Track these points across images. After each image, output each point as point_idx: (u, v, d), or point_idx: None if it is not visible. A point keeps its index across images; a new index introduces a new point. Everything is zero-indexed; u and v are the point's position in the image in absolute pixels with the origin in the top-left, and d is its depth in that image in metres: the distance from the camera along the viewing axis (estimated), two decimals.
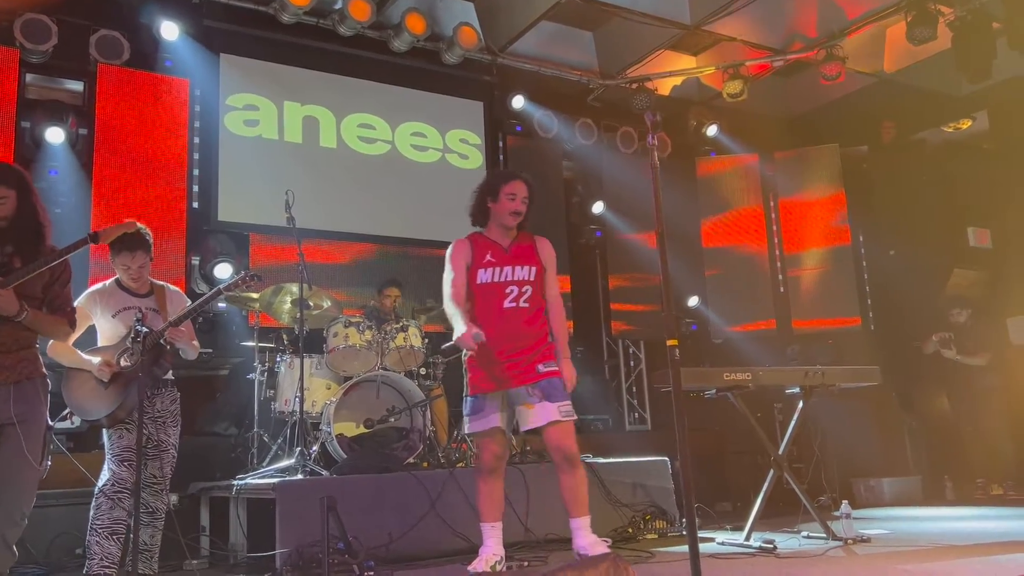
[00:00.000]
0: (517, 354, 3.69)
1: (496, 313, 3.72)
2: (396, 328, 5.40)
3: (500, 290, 3.74)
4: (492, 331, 3.62)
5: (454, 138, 7.30)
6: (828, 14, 7.13)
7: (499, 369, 3.66)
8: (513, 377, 3.67)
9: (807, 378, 4.73)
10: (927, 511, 6.20)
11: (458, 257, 3.80)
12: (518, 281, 3.76)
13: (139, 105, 5.95)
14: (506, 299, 3.73)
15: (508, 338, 3.68)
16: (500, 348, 3.66)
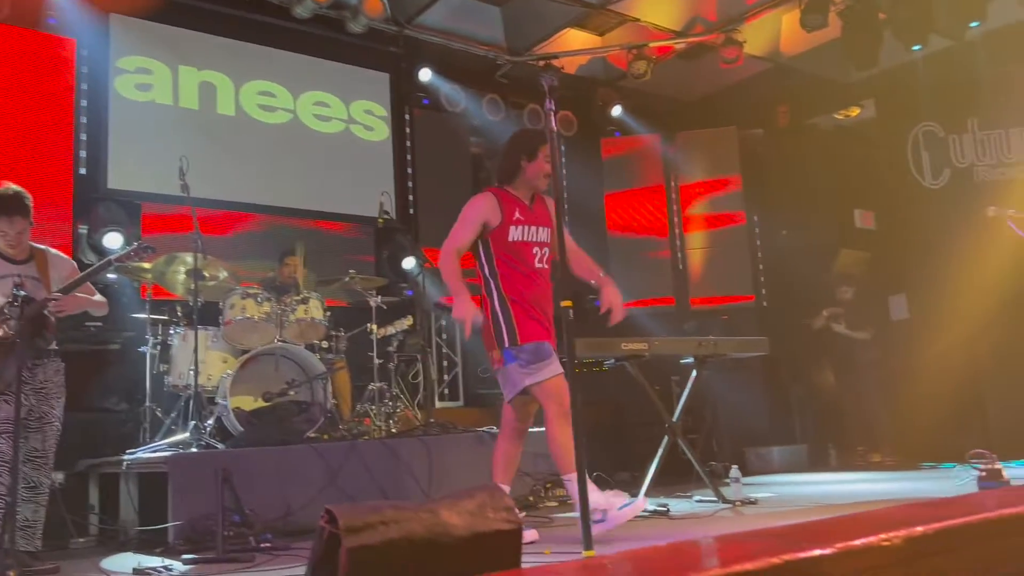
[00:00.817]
0: (550, 314, 3.65)
1: (531, 272, 3.64)
2: (296, 300, 5.31)
3: (529, 249, 3.65)
4: (531, 290, 3.59)
5: (359, 109, 7.19)
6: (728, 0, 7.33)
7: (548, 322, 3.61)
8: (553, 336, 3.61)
9: (700, 348, 4.91)
10: (812, 477, 6.54)
11: (479, 212, 3.62)
12: (540, 243, 3.70)
13: (19, 64, 5.62)
14: (535, 259, 3.66)
15: (543, 298, 3.65)
16: (539, 307, 3.61)
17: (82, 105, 5.93)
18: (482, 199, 3.67)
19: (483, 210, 3.62)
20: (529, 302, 3.57)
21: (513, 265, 3.63)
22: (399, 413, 5.58)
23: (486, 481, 3.73)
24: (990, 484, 3.16)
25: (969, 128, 7.84)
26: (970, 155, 7.81)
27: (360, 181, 6.90)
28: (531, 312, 3.56)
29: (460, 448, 5.11)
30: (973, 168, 7.78)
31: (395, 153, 7.34)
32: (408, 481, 4.55)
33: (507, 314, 3.55)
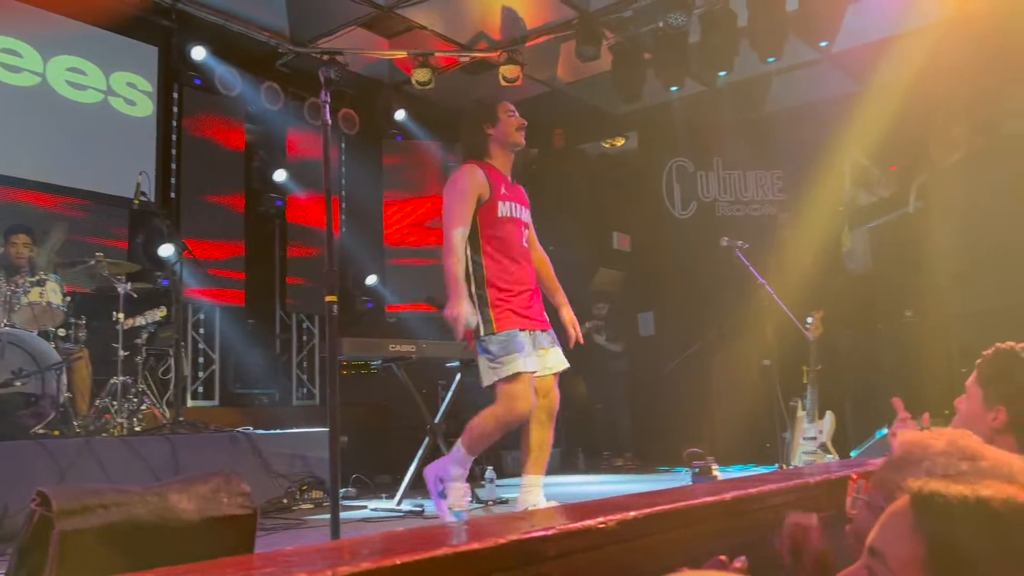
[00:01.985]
0: (534, 295, 3.52)
1: (517, 249, 3.46)
2: (31, 282, 4.80)
3: (518, 228, 3.48)
4: (516, 268, 3.42)
5: (120, 81, 6.63)
6: (511, 20, 7.62)
7: (527, 312, 3.42)
8: (537, 320, 3.47)
9: (466, 351, 5.04)
10: (561, 479, 6.94)
11: (472, 183, 3.37)
12: (525, 222, 3.57)
13: None
14: (522, 239, 3.51)
15: (528, 277, 3.49)
16: (524, 287, 3.44)
17: None
18: (468, 170, 3.43)
19: (476, 181, 3.38)
20: (513, 287, 3.40)
21: (500, 245, 3.41)
22: (145, 410, 5.20)
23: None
24: (702, 479, 3.59)
25: (715, 167, 8.74)
26: (714, 191, 8.72)
27: (116, 158, 6.37)
28: (512, 299, 3.39)
29: (211, 449, 4.88)
30: (716, 203, 8.68)
31: (159, 132, 6.85)
32: (150, 482, 4.25)
33: (483, 301, 3.36)
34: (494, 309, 3.35)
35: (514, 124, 3.53)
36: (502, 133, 3.53)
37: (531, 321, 3.40)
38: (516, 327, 3.31)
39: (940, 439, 1.06)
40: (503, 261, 3.40)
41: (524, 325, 3.36)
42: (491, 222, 3.41)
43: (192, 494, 0.97)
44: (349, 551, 1.15)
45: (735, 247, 5.50)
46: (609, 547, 1.39)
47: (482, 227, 3.40)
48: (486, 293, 3.37)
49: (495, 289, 3.36)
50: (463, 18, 7.64)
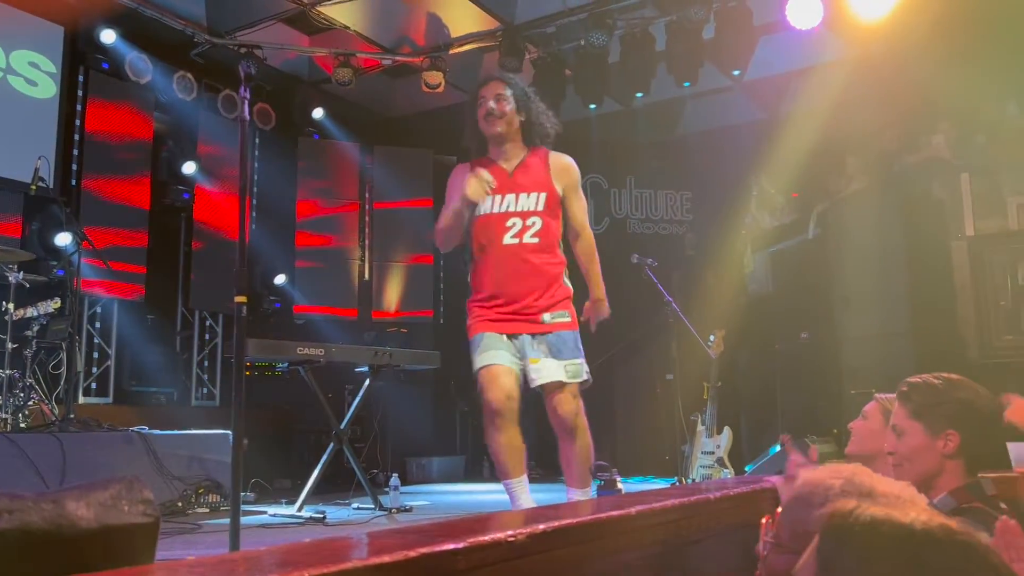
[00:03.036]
0: (521, 299, 3.18)
1: (494, 252, 3.18)
2: None
3: (500, 223, 3.18)
4: (490, 274, 3.20)
5: (21, 59, 6.31)
6: (436, 28, 7.62)
7: (500, 316, 3.20)
8: (517, 325, 3.20)
9: (376, 357, 5.02)
10: (467, 487, 6.96)
11: (454, 187, 3.24)
12: (522, 212, 3.17)
13: None
14: (506, 234, 3.16)
15: (508, 279, 3.18)
16: (500, 293, 3.20)
17: None
18: (456, 170, 3.35)
19: (456, 183, 3.23)
20: (486, 292, 3.23)
21: (480, 247, 3.24)
22: (32, 406, 4.95)
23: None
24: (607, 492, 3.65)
25: (627, 184, 8.95)
26: (626, 208, 8.92)
27: (13, 140, 6.05)
28: (483, 306, 3.25)
29: (103, 448, 4.69)
30: (627, 219, 8.88)
31: (61, 116, 6.54)
32: (35, 481, 4.06)
33: (468, 304, 3.34)
34: (470, 316, 3.33)
35: (481, 113, 3.26)
36: (479, 123, 3.30)
37: (504, 325, 3.22)
38: (484, 330, 3.23)
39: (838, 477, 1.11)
40: (480, 266, 3.26)
41: (494, 329, 3.23)
42: (474, 225, 3.26)
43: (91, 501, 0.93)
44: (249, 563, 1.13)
45: (644, 264, 5.64)
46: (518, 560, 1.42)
47: (473, 232, 3.28)
48: (469, 303, 3.37)
49: (472, 298, 3.32)
50: (387, 21, 7.60)
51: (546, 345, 3.19)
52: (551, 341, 3.19)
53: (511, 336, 3.20)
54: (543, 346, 3.20)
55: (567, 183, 3.32)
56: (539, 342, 3.20)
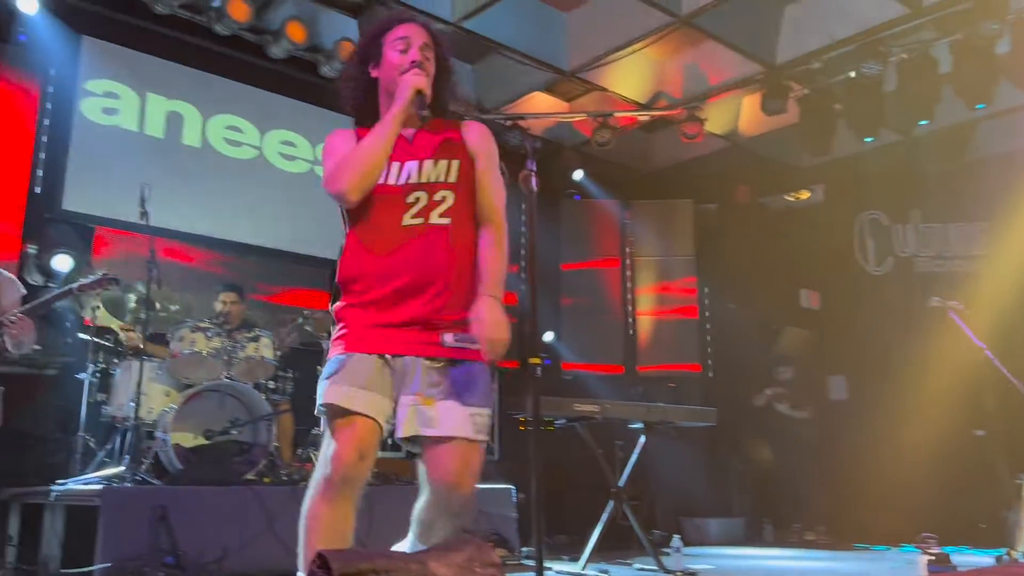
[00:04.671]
0: (419, 295, 2.25)
1: (389, 233, 2.27)
2: (247, 337, 5.22)
3: (398, 199, 2.30)
4: (376, 261, 2.26)
5: None
6: (692, 78, 7.59)
7: (382, 323, 2.24)
8: (406, 341, 2.24)
9: (649, 414, 4.96)
10: (749, 551, 6.59)
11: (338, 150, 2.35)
12: (428, 184, 2.32)
13: None
14: (407, 212, 2.29)
15: (404, 267, 2.24)
16: (388, 286, 2.24)
17: (44, 124, 5.81)
18: (337, 134, 2.41)
19: (342, 144, 2.36)
20: (365, 285, 2.27)
21: (365, 229, 2.31)
22: None
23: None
24: (939, 569, 3.22)
25: (912, 219, 8.20)
26: (912, 245, 8.16)
27: (321, 223, 6.84)
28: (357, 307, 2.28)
29: (400, 501, 5.01)
30: (915, 258, 8.11)
31: None
32: None
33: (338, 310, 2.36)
34: (338, 322, 2.34)
35: (399, 63, 2.34)
36: (385, 79, 2.38)
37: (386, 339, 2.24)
38: (352, 348, 2.24)
39: None
40: (360, 251, 2.31)
41: (368, 346, 2.24)
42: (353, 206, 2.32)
43: (448, 562, 0.99)
44: None
45: (947, 307, 5.08)
46: None
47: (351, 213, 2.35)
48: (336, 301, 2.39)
49: (343, 294, 2.35)
50: (643, 78, 7.69)
51: (448, 381, 2.24)
52: (456, 376, 2.25)
53: (391, 358, 2.24)
54: (443, 381, 2.24)
55: (485, 151, 2.45)
56: (438, 373, 2.24)
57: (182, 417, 4.79)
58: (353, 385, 2.19)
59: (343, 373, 2.21)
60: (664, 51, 7.14)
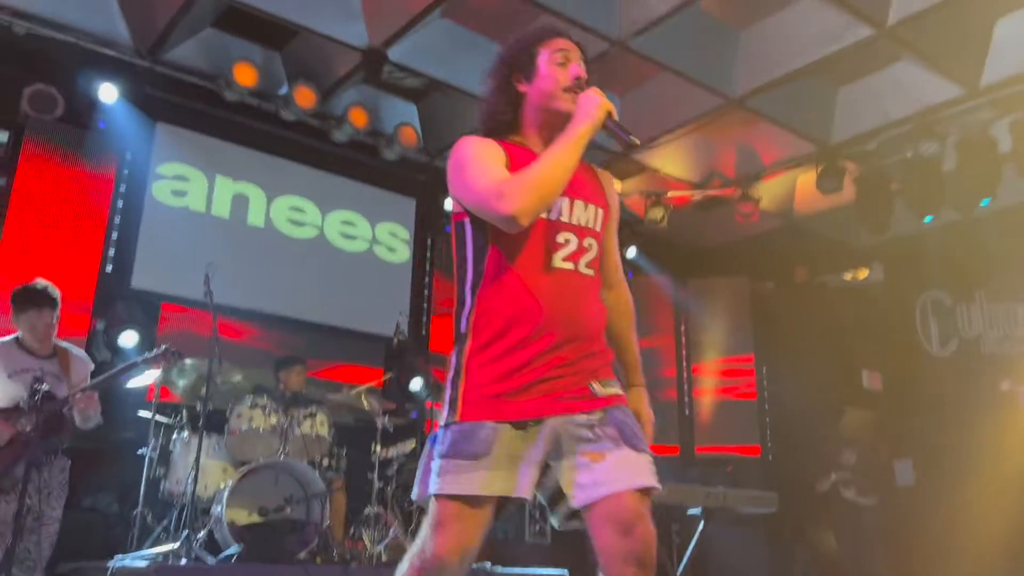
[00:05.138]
0: (576, 347, 1.98)
1: (539, 274, 1.99)
2: (304, 414, 5.27)
3: (549, 236, 2.01)
4: (530, 305, 1.95)
5: (383, 230, 7.36)
6: (746, 157, 7.63)
7: (526, 382, 1.94)
8: (561, 396, 1.95)
9: (708, 499, 4.81)
10: None
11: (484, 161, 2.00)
12: (579, 227, 2.05)
13: (65, 162, 5.83)
14: (558, 252, 2.01)
15: (559, 319, 1.97)
16: (544, 337, 1.95)
17: (118, 206, 6.10)
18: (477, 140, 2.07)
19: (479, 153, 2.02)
20: (504, 337, 1.96)
21: (501, 269, 2.00)
22: (393, 540, 5.42)
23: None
24: None
25: (977, 299, 7.98)
26: (978, 326, 7.91)
27: (378, 300, 6.99)
28: (492, 364, 1.96)
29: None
30: (981, 339, 7.86)
31: (414, 275, 7.46)
32: None
33: (459, 364, 2.01)
34: (468, 377, 1.98)
35: (563, 78, 2.09)
36: (539, 94, 2.10)
37: (529, 399, 1.94)
38: (487, 417, 1.93)
39: None
40: (505, 291, 1.99)
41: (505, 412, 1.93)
42: (501, 231, 1.97)
43: None
44: None
45: (1019, 392, 4.89)
46: None
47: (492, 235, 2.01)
48: (465, 346, 2.01)
49: (480, 338, 2.00)
50: (696, 158, 7.76)
51: (615, 426, 1.95)
52: (619, 418, 1.98)
53: (532, 424, 1.93)
54: (608, 428, 1.95)
55: (616, 206, 2.22)
56: (601, 423, 1.95)
57: (237, 493, 4.83)
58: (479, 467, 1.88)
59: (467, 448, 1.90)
60: (717, 131, 7.20)
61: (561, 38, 2.14)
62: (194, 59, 6.29)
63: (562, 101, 2.07)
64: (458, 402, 1.97)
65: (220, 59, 6.29)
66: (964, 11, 5.39)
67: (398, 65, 6.15)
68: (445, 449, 1.93)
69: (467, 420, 1.93)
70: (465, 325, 2.03)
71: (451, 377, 2.03)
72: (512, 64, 2.14)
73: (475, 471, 1.89)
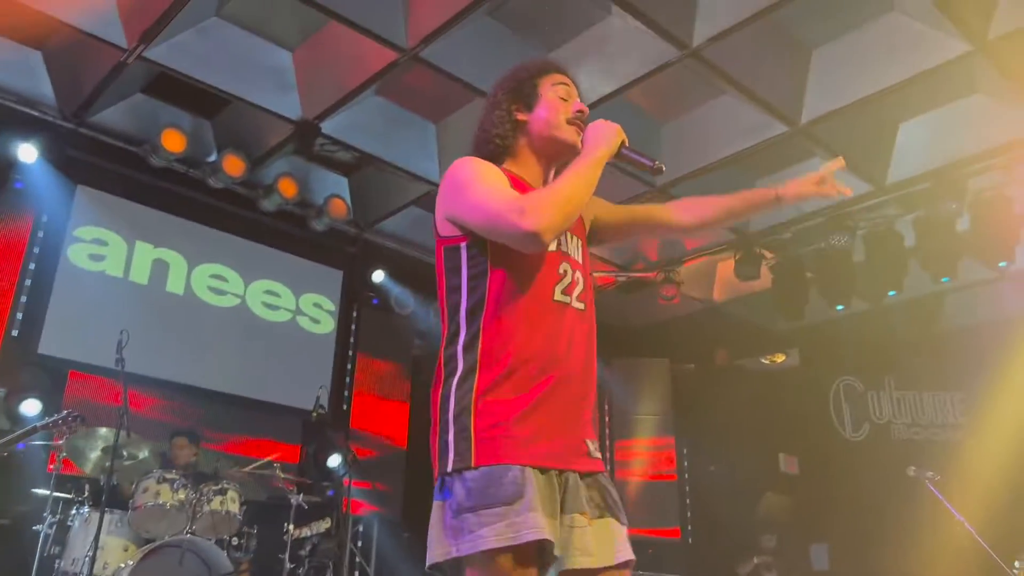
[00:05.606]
0: (570, 396, 1.88)
1: (541, 307, 1.89)
2: (214, 490, 5.05)
3: (552, 266, 1.93)
4: (535, 340, 1.85)
5: (308, 301, 7.26)
6: (669, 242, 7.86)
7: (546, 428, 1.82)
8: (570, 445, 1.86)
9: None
10: None
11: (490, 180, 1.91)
12: (573, 259, 1.99)
13: None
14: (558, 284, 1.93)
15: (560, 355, 1.87)
16: (551, 375, 1.85)
17: (29, 268, 5.87)
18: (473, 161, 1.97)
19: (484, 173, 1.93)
20: (522, 372, 1.82)
21: (514, 293, 1.87)
22: None
23: None
24: None
25: (886, 386, 8.29)
26: (888, 412, 8.21)
27: (299, 373, 6.84)
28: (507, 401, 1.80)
29: None
30: (891, 425, 8.14)
31: (337, 348, 7.35)
32: None
33: (465, 400, 1.82)
34: (479, 418, 1.80)
35: (564, 111, 2.05)
36: (540, 123, 2.05)
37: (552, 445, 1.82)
38: (513, 459, 1.75)
39: None
40: (513, 324, 1.86)
41: (534, 457, 1.78)
42: (504, 257, 1.88)
43: None
44: None
45: (924, 478, 5.06)
46: None
47: (491, 263, 1.90)
48: (473, 385, 1.83)
49: (491, 374, 1.83)
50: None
51: (601, 493, 1.89)
52: (606, 486, 1.91)
53: (556, 473, 1.81)
54: (596, 494, 1.87)
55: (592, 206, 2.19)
56: (591, 487, 1.87)
57: (138, 574, 4.56)
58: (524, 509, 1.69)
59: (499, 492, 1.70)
60: None
61: (561, 73, 2.13)
62: (121, 123, 6.22)
63: (565, 131, 2.03)
64: (471, 443, 1.77)
65: (148, 124, 6.23)
66: (871, 114, 5.77)
67: (331, 138, 6.19)
68: (472, 499, 1.72)
69: (486, 464, 1.74)
70: (467, 357, 1.86)
71: (452, 415, 1.82)
72: (512, 92, 2.09)
73: (524, 514, 1.68)
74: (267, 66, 5.76)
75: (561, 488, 1.80)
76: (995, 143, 5.77)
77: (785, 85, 5.57)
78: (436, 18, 4.94)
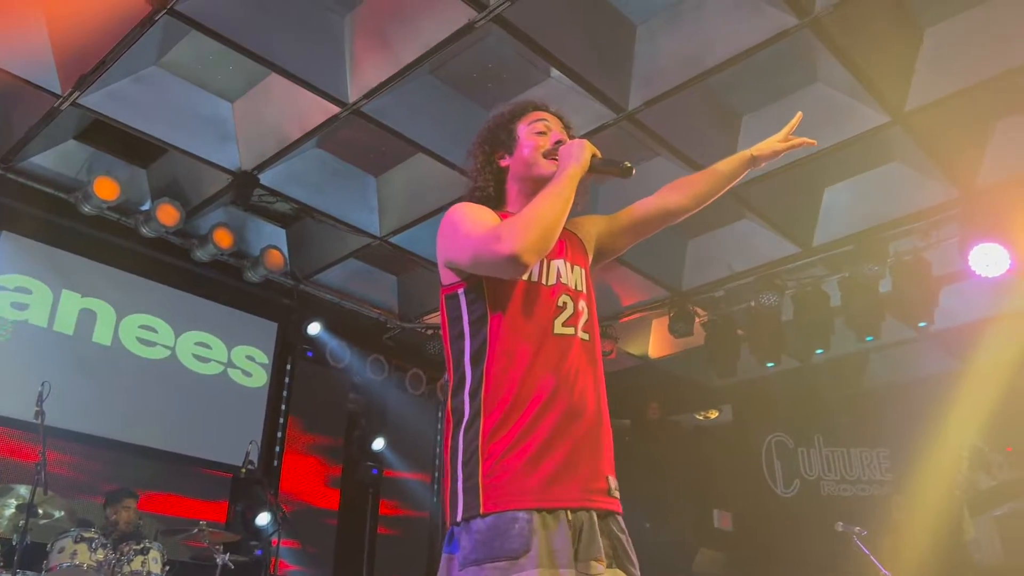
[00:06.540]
0: (580, 430, 1.86)
1: (545, 341, 1.88)
2: (135, 550, 4.84)
3: (548, 303, 1.93)
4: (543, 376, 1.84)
5: (240, 354, 7.11)
6: (606, 298, 7.97)
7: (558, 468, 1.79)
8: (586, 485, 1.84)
9: None
10: None
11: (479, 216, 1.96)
12: (573, 290, 1.99)
13: None
14: (559, 317, 1.92)
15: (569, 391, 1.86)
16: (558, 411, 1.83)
17: None
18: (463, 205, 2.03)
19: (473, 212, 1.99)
20: (527, 412, 1.80)
21: (513, 332, 1.87)
22: None
23: None
24: None
25: (816, 443, 8.47)
26: (817, 468, 8.37)
27: (228, 427, 6.65)
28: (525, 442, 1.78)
29: None
30: (820, 481, 8.29)
31: (269, 402, 7.18)
32: None
33: (472, 446, 1.80)
34: (487, 464, 1.76)
35: (540, 142, 2.08)
36: (521, 165, 2.09)
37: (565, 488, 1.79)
38: (521, 504, 1.72)
39: None
40: (515, 362, 1.85)
41: (541, 499, 1.75)
42: (502, 293, 1.90)
43: None
44: None
45: (852, 534, 5.16)
46: None
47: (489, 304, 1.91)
48: (479, 431, 1.81)
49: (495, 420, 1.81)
50: None
51: (613, 540, 1.85)
52: (615, 531, 1.87)
53: (571, 513, 1.77)
54: (608, 541, 1.83)
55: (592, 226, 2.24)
56: (606, 533, 1.83)
57: None
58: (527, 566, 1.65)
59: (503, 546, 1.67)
60: None
61: (539, 110, 2.15)
62: (51, 170, 6.08)
63: (543, 167, 2.04)
64: (478, 490, 1.74)
65: (80, 171, 6.11)
66: (797, 178, 6.00)
67: (269, 189, 6.15)
68: (478, 552, 1.69)
69: (493, 511, 1.71)
70: (472, 403, 1.84)
71: (461, 462, 1.80)
72: (492, 142, 2.13)
73: (528, 570, 1.65)
74: (206, 116, 5.73)
75: (576, 531, 1.76)
76: (914, 208, 6.05)
77: (717, 149, 5.76)
78: (379, 74, 5.00)
